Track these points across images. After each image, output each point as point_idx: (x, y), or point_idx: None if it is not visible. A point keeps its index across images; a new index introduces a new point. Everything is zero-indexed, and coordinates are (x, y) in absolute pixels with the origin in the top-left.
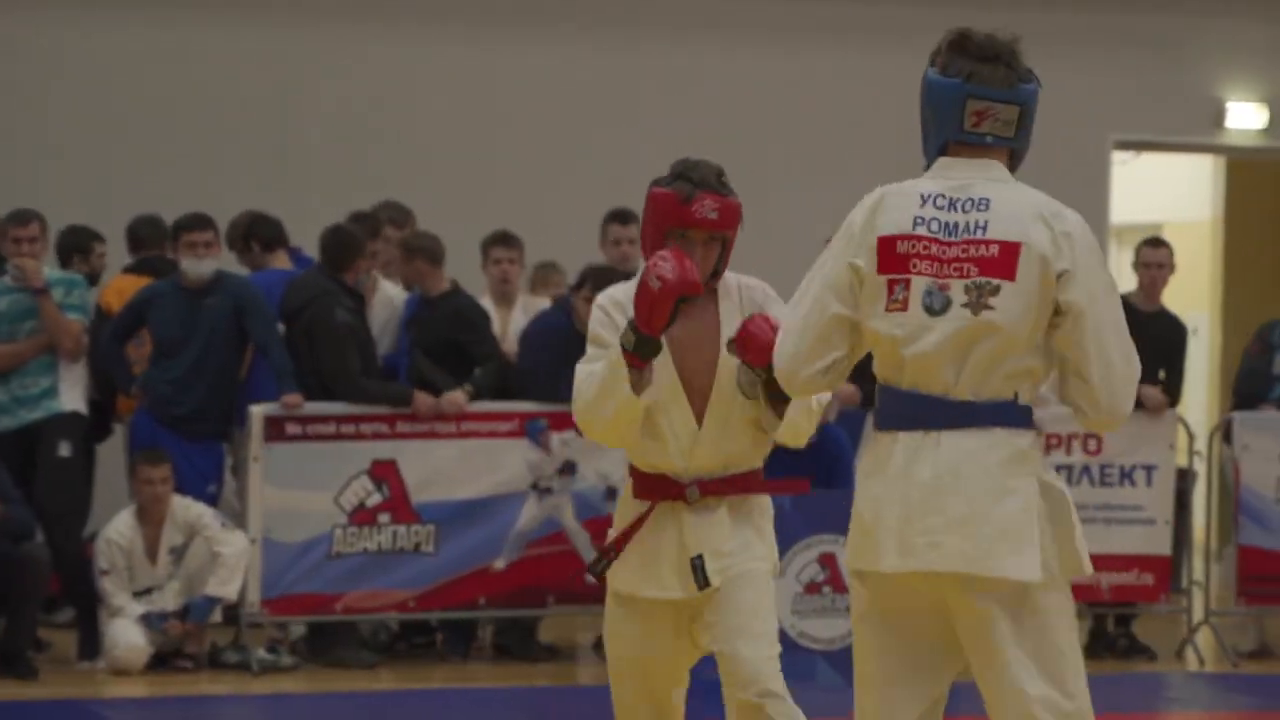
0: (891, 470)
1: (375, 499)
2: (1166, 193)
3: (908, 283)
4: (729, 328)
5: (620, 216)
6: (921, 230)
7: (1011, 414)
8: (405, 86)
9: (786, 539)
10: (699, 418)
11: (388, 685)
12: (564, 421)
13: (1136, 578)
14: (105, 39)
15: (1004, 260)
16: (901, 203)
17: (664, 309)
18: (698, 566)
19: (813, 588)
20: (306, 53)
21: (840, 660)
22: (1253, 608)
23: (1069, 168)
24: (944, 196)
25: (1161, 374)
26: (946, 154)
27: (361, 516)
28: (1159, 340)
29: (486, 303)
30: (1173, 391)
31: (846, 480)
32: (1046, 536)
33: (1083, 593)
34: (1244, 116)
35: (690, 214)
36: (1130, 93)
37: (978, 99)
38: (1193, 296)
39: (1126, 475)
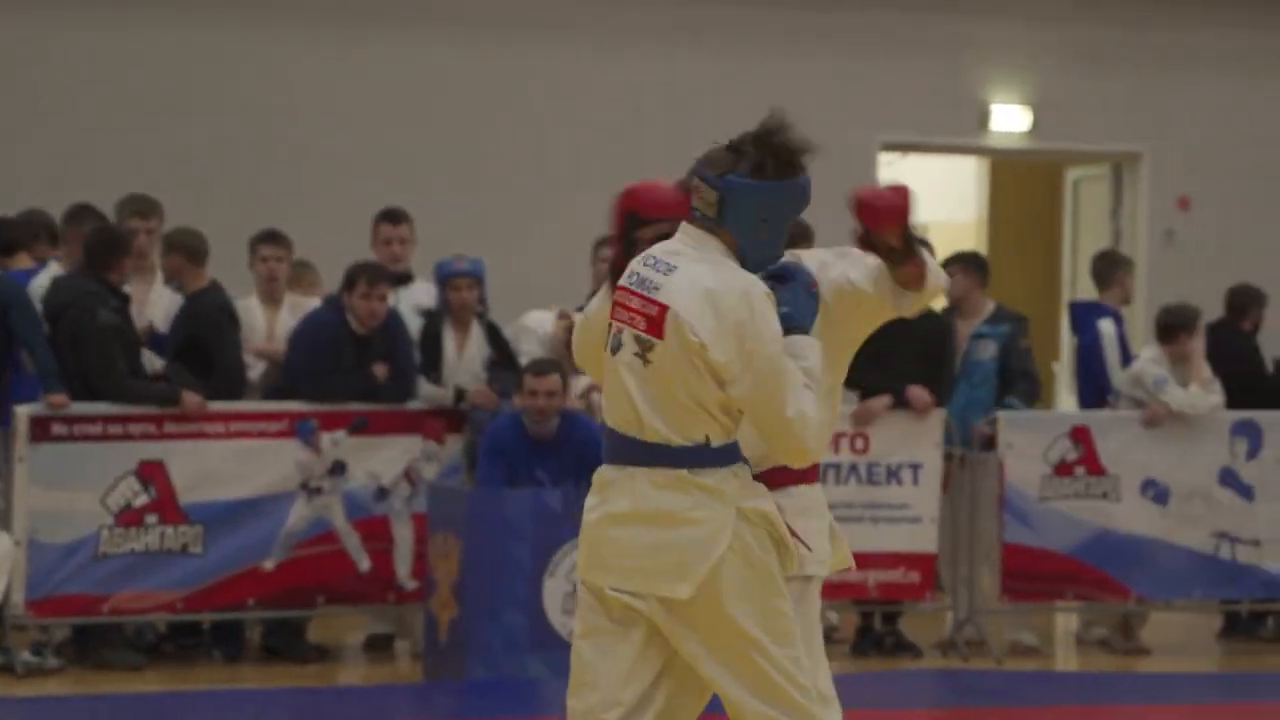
0: (595, 501)
1: (143, 499)
2: (932, 194)
3: (612, 327)
4: None
5: (391, 216)
6: (628, 282)
7: (702, 456)
8: (186, 79)
9: (555, 538)
10: None
11: (155, 686)
12: (334, 421)
13: (903, 575)
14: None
15: (658, 321)
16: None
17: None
18: None
19: None
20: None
21: None
22: (1017, 605)
23: (836, 169)
24: (654, 257)
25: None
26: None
27: (129, 517)
28: (925, 340)
29: (254, 302)
30: (939, 391)
31: None
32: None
33: (850, 590)
34: (1008, 119)
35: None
36: (897, 95)
37: (694, 176)
38: None
39: (893, 474)
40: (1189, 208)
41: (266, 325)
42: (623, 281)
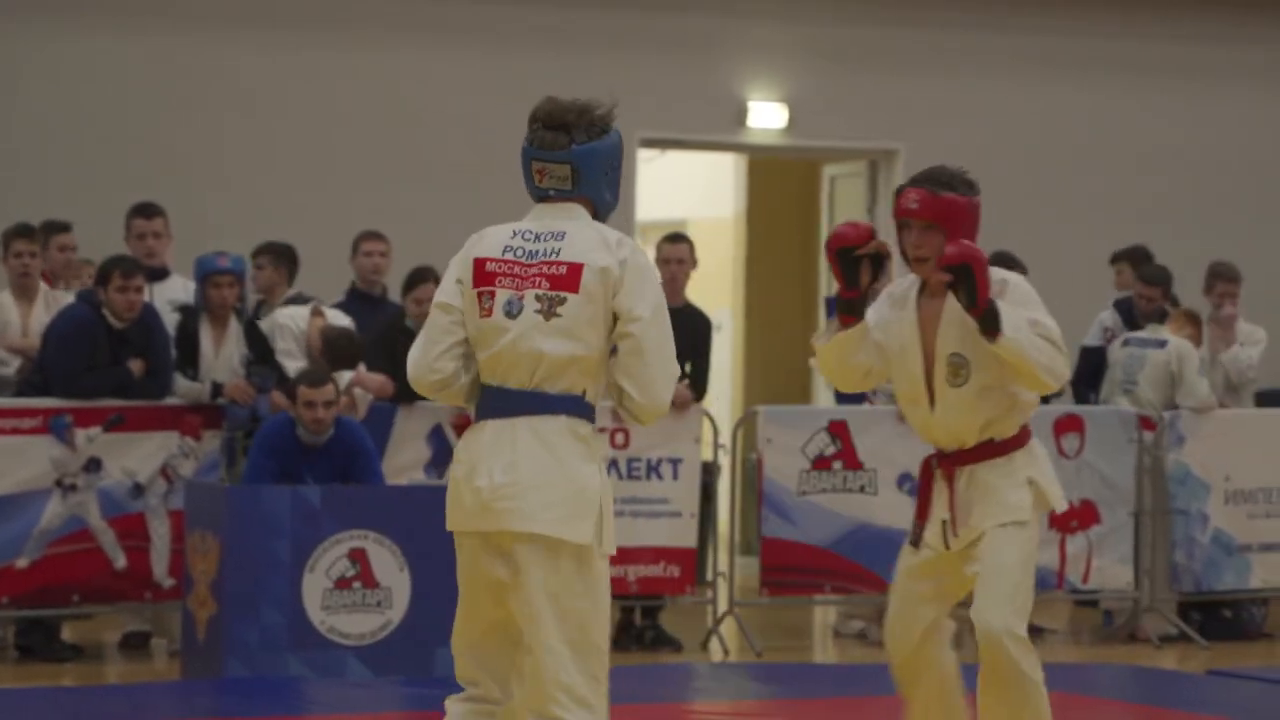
0: (478, 449)
1: None
2: (691, 190)
3: (493, 294)
4: (952, 310)
5: (143, 210)
6: (509, 255)
7: (577, 406)
8: None
9: (316, 535)
10: (930, 397)
11: None
12: (89, 417)
13: (663, 570)
14: None
15: (570, 277)
16: (498, 235)
17: (832, 263)
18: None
19: (343, 583)
20: None
21: (371, 655)
22: (776, 598)
23: None
24: (531, 232)
25: (687, 368)
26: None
27: None
28: (684, 335)
29: (7, 298)
30: (698, 386)
31: (368, 474)
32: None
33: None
34: (765, 116)
35: (897, 204)
36: (655, 91)
37: (537, 160)
38: (717, 292)
39: (653, 468)
40: None
41: (21, 321)
42: (497, 255)
